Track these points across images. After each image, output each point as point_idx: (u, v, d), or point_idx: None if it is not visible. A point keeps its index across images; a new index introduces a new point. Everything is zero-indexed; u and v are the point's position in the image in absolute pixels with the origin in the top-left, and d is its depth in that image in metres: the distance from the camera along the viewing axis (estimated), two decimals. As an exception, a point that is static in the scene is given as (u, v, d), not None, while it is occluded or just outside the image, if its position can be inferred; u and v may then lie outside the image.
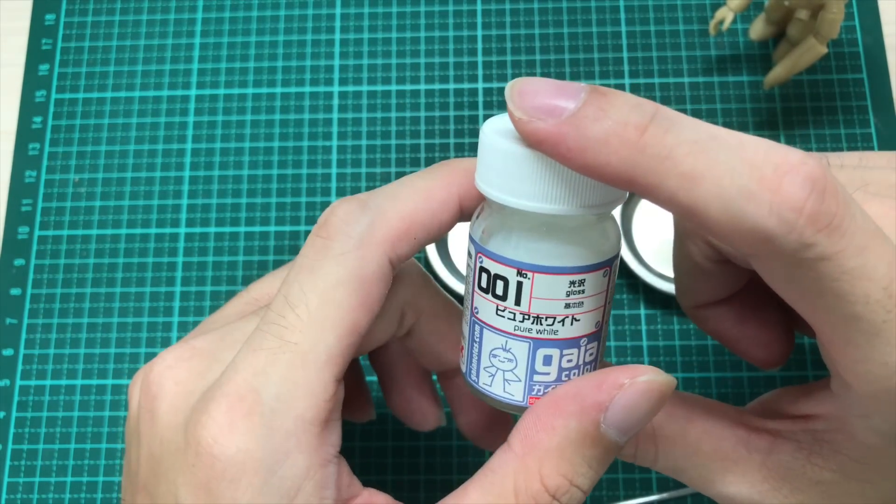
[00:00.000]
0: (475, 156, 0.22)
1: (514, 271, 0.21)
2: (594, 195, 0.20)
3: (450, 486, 0.34)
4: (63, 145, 0.40)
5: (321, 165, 0.39)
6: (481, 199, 0.22)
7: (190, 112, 0.40)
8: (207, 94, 0.40)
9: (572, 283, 0.21)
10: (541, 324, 0.21)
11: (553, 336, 0.21)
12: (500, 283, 0.21)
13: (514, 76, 0.40)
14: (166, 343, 0.37)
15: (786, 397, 0.23)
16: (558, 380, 0.22)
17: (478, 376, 0.23)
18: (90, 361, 0.37)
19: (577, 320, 0.21)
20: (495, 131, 0.20)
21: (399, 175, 0.39)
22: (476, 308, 0.22)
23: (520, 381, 0.22)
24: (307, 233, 0.38)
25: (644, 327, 0.36)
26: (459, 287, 0.35)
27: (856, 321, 0.18)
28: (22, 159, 0.40)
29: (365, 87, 0.40)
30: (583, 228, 0.21)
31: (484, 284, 0.22)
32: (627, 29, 0.40)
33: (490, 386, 0.22)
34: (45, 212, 0.39)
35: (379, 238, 0.22)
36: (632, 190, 0.19)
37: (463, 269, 0.36)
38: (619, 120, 0.18)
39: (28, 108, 0.41)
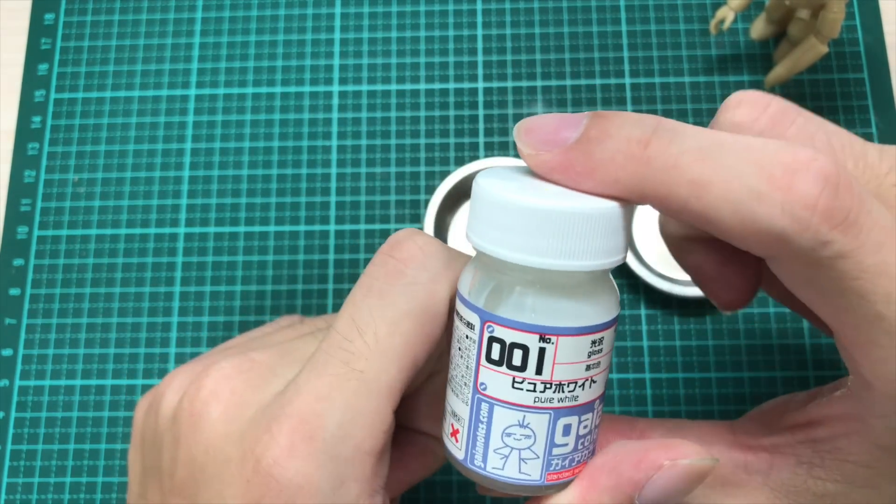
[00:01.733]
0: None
1: (536, 337, 0.19)
2: (611, 243, 0.19)
3: (450, 487, 0.34)
4: (62, 145, 0.40)
5: (321, 165, 0.39)
6: None
7: (189, 112, 0.40)
8: (207, 94, 0.40)
9: (593, 342, 0.19)
10: (563, 391, 0.19)
11: (573, 403, 0.20)
12: (517, 353, 0.19)
13: (514, 76, 0.40)
14: (166, 343, 0.37)
15: (789, 404, 0.22)
16: (574, 450, 0.20)
17: (485, 461, 0.20)
18: (89, 361, 0.37)
19: (594, 382, 0.20)
20: (497, 185, 0.19)
21: (399, 175, 0.39)
22: (483, 384, 0.20)
23: (538, 458, 0.20)
24: (307, 233, 0.38)
25: (644, 327, 0.36)
26: (459, 287, 0.35)
27: (878, 321, 0.18)
28: (21, 159, 0.40)
29: (365, 87, 0.40)
30: (597, 283, 0.20)
31: (496, 356, 0.19)
32: (628, 28, 0.40)
33: (502, 470, 0.20)
34: (44, 212, 0.39)
35: (451, 278, 0.21)
36: (645, 203, 0.19)
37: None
38: (621, 138, 0.18)
39: (27, 107, 0.41)
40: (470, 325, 0.20)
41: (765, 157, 0.17)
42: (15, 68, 0.42)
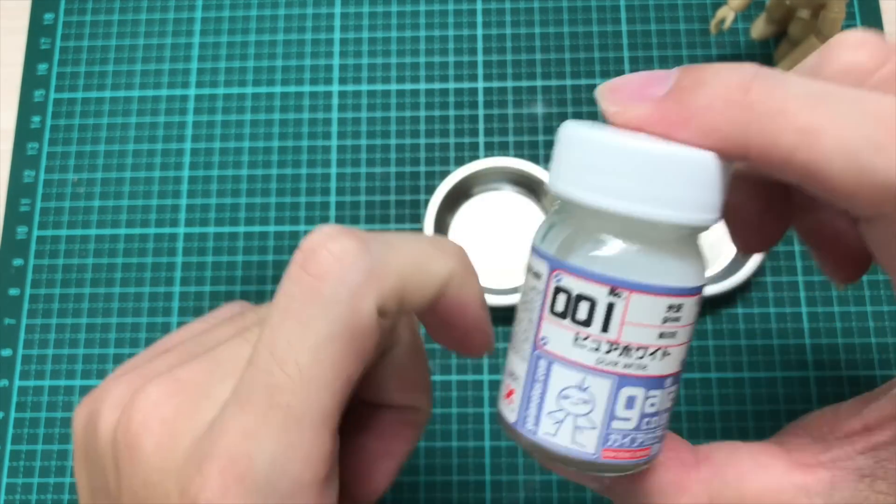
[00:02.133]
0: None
1: (606, 289, 0.17)
2: (703, 198, 0.17)
3: (450, 487, 0.34)
4: (62, 145, 0.40)
5: (321, 165, 0.39)
6: (455, 304, 0.20)
7: (189, 112, 0.40)
8: (207, 94, 0.40)
9: (670, 307, 0.18)
10: (629, 356, 0.18)
11: (640, 372, 0.18)
12: (583, 306, 0.18)
13: (514, 76, 0.40)
14: (165, 343, 0.37)
15: (839, 412, 0.21)
16: (637, 428, 0.18)
17: (537, 424, 0.19)
18: (89, 362, 0.37)
19: (667, 354, 0.18)
20: (583, 128, 0.18)
21: (399, 175, 0.39)
22: (543, 339, 0.18)
23: (594, 428, 0.18)
24: (307, 233, 0.38)
25: (644, 328, 0.36)
26: (459, 287, 0.35)
27: None
28: (20, 159, 0.40)
29: (365, 87, 0.40)
30: (682, 243, 0.18)
31: (560, 308, 0.18)
32: (628, 28, 0.40)
33: (554, 436, 0.19)
34: (43, 212, 0.39)
35: (377, 287, 0.19)
36: (745, 157, 0.17)
37: (463, 269, 0.36)
38: (719, 84, 0.17)
39: (27, 107, 0.41)
40: (537, 275, 0.19)
41: (881, 107, 0.16)
42: (14, 68, 0.41)
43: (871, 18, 0.40)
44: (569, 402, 0.18)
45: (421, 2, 0.41)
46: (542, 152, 0.38)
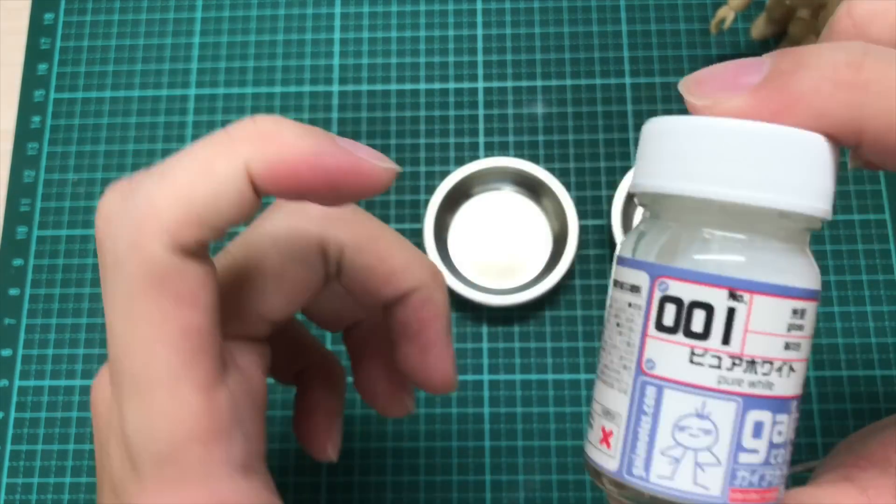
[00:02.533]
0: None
1: (725, 293, 0.15)
2: (821, 184, 0.16)
3: (450, 487, 0.34)
4: (62, 145, 0.40)
5: (321, 165, 0.39)
6: (281, 177, 0.17)
7: (189, 112, 0.40)
8: (207, 94, 0.40)
9: (795, 311, 0.16)
10: (755, 372, 0.15)
11: (767, 392, 0.16)
12: (698, 315, 0.15)
13: (514, 76, 0.40)
14: (165, 343, 0.37)
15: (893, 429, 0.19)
16: (766, 463, 0.16)
17: (648, 468, 0.16)
18: (89, 362, 0.37)
19: (793, 371, 0.16)
20: (674, 118, 0.16)
21: (399, 175, 0.39)
22: (649, 362, 0.16)
23: (719, 464, 0.15)
24: (307, 233, 0.38)
25: (645, 328, 0.36)
26: (459, 288, 0.35)
27: None
28: (21, 159, 0.40)
29: (365, 87, 0.40)
30: (799, 240, 0.16)
31: (669, 321, 0.16)
32: (628, 28, 0.40)
33: (671, 479, 0.16)
34: (43, 212, 0.39)
35: (154, 231, 0.17)
36: (859, 141, 0.16)
37: (466, 269, 0.36)
38: (824, 64, 0.15)
39: (27, 107, 0.41)
40: (634, 289, 0.16)
41: None
42: (14, 68, 0.42)
43: (871, 18, 0.40)
44: (686, 435, 0.15)
45: (421, 2, 0.41)
46: (542, 152, 0.38)
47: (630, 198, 0.36)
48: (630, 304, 0.16)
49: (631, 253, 0.17)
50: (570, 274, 0.37)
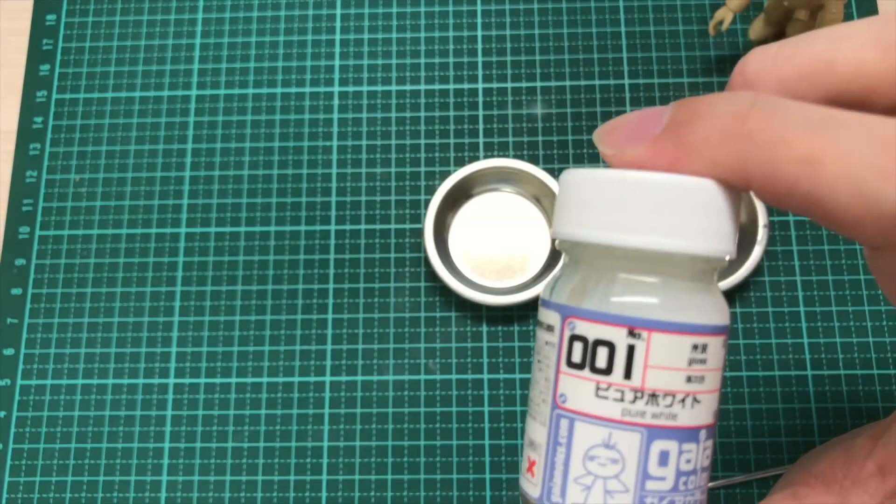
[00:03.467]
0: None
1: (624, 331, 0.16)
2: (715, 226, 0.16)
3: (450, 486, 0.34)
4: (64, 145, 0.40)
5: (321, 165, 0.39)
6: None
7: (190, 112, 0.40)
8: (208, 95, 0.40)
9: (695, 346, 0.16)
10: (657, 404, 0.16)
11: (671, 423, 0.16)
12: (602, 352, 0.16)
13: (513, 76, 0.40)
14: (167, 343, 0.37)
15: (854, 451, 0.19)
16: (675, 489, 0.17)
17: (563, 495, 0.17)
18: (90, 361, 0.37)
19: (697, 402, 0.17)
20: (583, 170, 0.17)
21: (399, 175, 0.39)
22: (562, 396, 0.17)
23: (627, 490, 0.16)
24: (307, 233, 0.38)
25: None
26: (459, 288, 0.35)
27: None
28: (23, 159, 0.40)
29: (365, 88, 0.40)
30: (700, 278, 0.17)
31: (577, 358, 0.17)
32: (627, 29, 0.40)
33: None
34: (45, 212, 0.39)
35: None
36: (748, 188, 0.17)
37: (466, 269, 0.36)
38: (715, 115, 0.16)
39: (29, 108, 0.41)
40: (549, 328, 0.17)
41: (888, 132, 0.15)
42: (16, 69, 0.42)
43: (869, 19, 0.40)
44: (596, 464, 0.16)
45: (421, 3, 0.41)
46: (541, 152, 0.39)
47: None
48: (547, 343, 0.18)
49: (549, 295, 0.18)
50: (569, 273, 0.37)
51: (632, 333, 0.16)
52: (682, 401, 0.16)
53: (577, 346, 0.17)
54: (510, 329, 0.36)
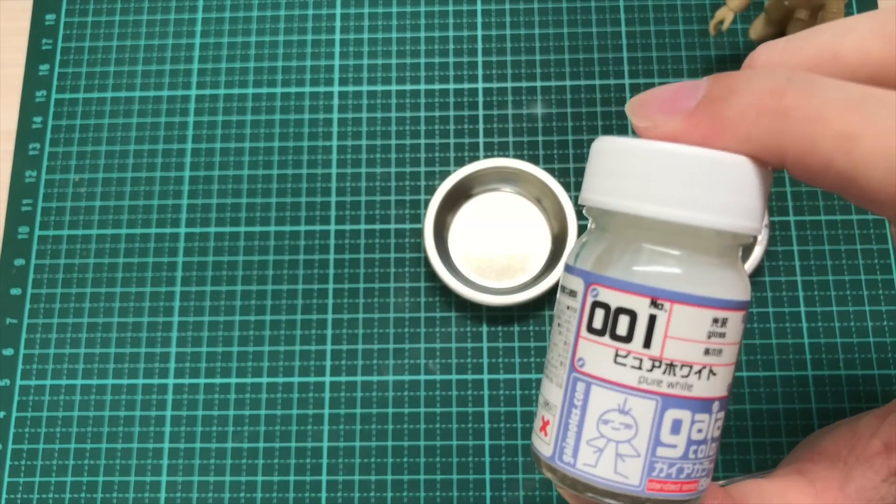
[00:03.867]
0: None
1: (647, 301, 0.16)
2: (743, 203, 0.17)
3: (450, 486, 0.34)
4: (63, 145, 0.40)
5: (321, 165, 0.39)
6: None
7: (190, 112, 0.40)
8: (207, 94, 0.40)
9: (715, 320, 0.17)
10: (674, 374, 0.17)
11: (686, 393, 0.17)
12: (623, 320, 0.17)
13: (513, 76, 0.40)
14: (166, 343, 0.37)
15: (860, 429, 0.20)
16: (685, 457, 0.17)
17: (575, 455, 0.17)
18: (90, 361, 0.37)
19: (713, 374, 0.17)
20: (617, 138, 0.18)
21: (399, 175, 0.39)
22: (580, 360, 0.17)
23: (638, 455, 0.17)
24: (307, 233, 0.38)
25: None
26: (459, 288, 0.35)
27: None
28: (22, 159, 0.40)
29: (365, 87, 0.40)
30: (725, 254, 0.17)
31: (598, 325, 0.17)
32: (627, 29, 0.40)
33: (594, 466, 0.17)
34: (45, 212, 0.39)
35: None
36: (782, 164, 0.17)
37: (466, 269, 0.36)
38: (751, 91, 0.16)
39: (28, 108, 0.41)
40: (572, 293, 0.18)
41: None
42: (16, 68, 0.42)
43: (870, 19, 0.40)
44: (609, 428, 0.17)
45: (421, 2, 0.41)
46: (541, 152, 0.39)
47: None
48: (568, 307, 0.18)
49: (573, 260, 0.18)
50: (569, 274, 0.37)
51: (654, 304, 0.16)
52: (699, 372, 0.17)
53: (599, 313, 0.17)
54: (510, 329, 0.36)
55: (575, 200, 0.38)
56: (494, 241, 0.37)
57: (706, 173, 0.16)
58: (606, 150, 0.18)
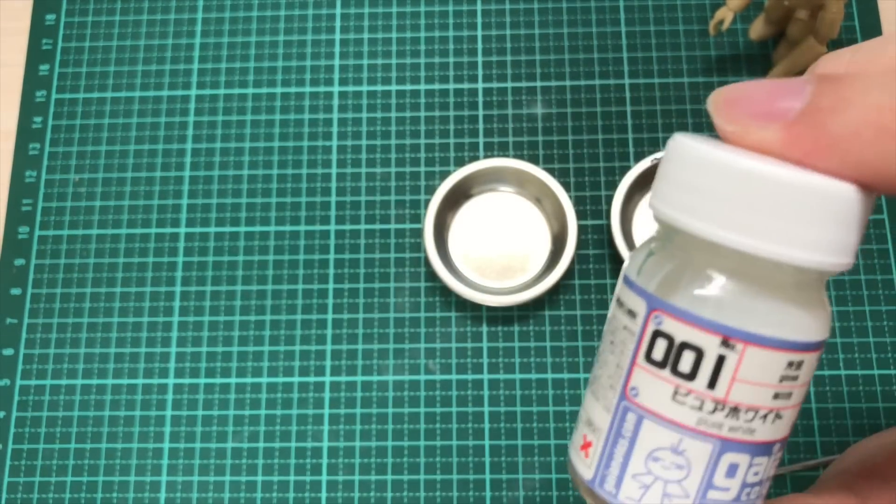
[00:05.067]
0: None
1: (717, 339, 0.15)
2: (842, 238, 0.15)
3: (450, 486, 0.34)
4: (63, 145, 0.40)
5: (321, 165, 0.39)
6: None
7: (190, 112, 0.40)
8: (207, 94, 0.40)
9: (790, 364, 0.15)
10: (737, 418, 0.15)
11: (747, 437, 0.15)
12: (687, 356, 0.15)
13: (513, 76, 0.40)
14: (166, 343, 0.37)
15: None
16: (737, 499, 0.16)
17: (618, 487, 0.16)
18: (90, 361, 0.37)
19: (779, 418, 0.16)
20: (701, 144, 0.15)
21: (399, 175, 0.39)
22: (633, 389, 0.16)
23: (687, 497, 0.16)
24: (307, 233, 0.38)
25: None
26: (459, 288, 0.35)
27: None
28: (22, 159, 0.40)
29: (365, 88, 0.40)
30: (810, 289, 0.16)
31: (658, 356, 0.15)
32: (627, 29, 0.40)
33: (638, 502, 0.16)
34: (45, 212, 0.39)
35: None
36: (894, 193, 0.15)
37: (466, 269, 0.36)
38: (868, 106, 0.14)
39: (28, 108, 0.41)
40: (631, 314, 0.16)
41: None
42: (16, 68, 0.42)
43: (870, 19, 0.40)
44: (659, 466, 0.16)
45: (421, 2, 0.41)
46: (541, 153, 0.39)
47: (629, 198, 0.36)
48: (625, 328, 0.16)
49: (636, 274, 0.16)
50: (569, 274, 0.37)
51: (725, 343, 0.15)
52: (765, 416, 0.15)
53: (661, 344, 0.15)
54: (510, 329, 0.36)
55: (574, 201, 0.38)
56: (494, 241, 0.37)
57: (805, 204, 0.14)
58: (687, 158, 0.15)
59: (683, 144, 0.15)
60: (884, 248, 0.37)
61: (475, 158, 0.39)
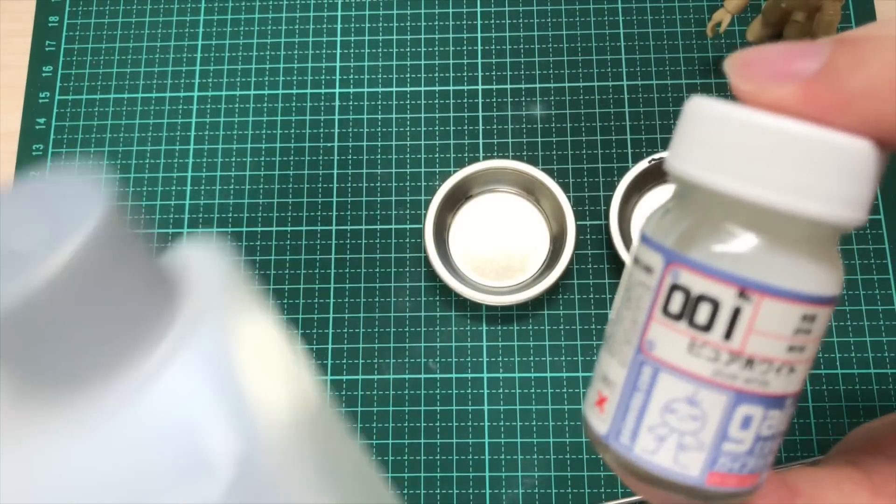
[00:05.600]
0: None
1: (734, 291, 0.15)
2: (856, 193, 0.15)
3: (450, 483, 0.34)
4: (66, 146, 0.40)
5: (322, 166, 0.39)
6: None
7: (192, 113, 0.41)
8: (209, 96, 0.41)
9: (805, 317, 0.15)
10: (752, 369, 0.15)
11: (761, 389, 0.16)
12: (704, 308, 0.15)
13: (513, 78, 0.40)
14: (168, 342, 0.37)
15: None
16: (750, 452, 0.16)
17: (633, 439, 0.16)
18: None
19: (793, 371, 0.16)
20: (719, 103, 0.15)
21: (399, 176, 0.39)
22: (650, 342, 0.16)
23: (702, 448, 0.16)
24: (308, 233, 0.38)
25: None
26: (459, 288, 0.35)
27: None
28: (25, 160, 0.40)
29: (365, 89, 0.40)
30: (824, 244, 0.16)
31: (675, 309, 0.16)
32: (625, 31, 0.41)
33: (653, 454, 0.16)
34: (48, 212, 0.39)
35: None
36: None
37: (466, 269, 0.37)
38: (887, 63, 0.14)
39: (31, 109, 0.41)
40: (648, 269, 0.16)
41: None
42: (19, 70, 0.42)
43: (867, 20, 0.40)
44: (675, 417, 0.16)
45: (421, 5, 0.42)
46: (540, 153, 0.39)
47: (627, 199, 0.37)
48: (641, 283, 0.16)
49: (652, 231, 0.17)
50: (568, 274, 0.37)
51: (741, 294, 0.15)
52: (779, 369, 0.16)
53: (677, 296, 0.16)
54: (510, 329, 0.36)
55: (573, 201, 0.38)
56: (494, 241, 0.37)
57: (821, 158, 0.14)
58: (704, 116, 0.15)
59: (701, 104, 0.16)
60: (880, 248, 0.37)
61: (475, 159, 0.39)
